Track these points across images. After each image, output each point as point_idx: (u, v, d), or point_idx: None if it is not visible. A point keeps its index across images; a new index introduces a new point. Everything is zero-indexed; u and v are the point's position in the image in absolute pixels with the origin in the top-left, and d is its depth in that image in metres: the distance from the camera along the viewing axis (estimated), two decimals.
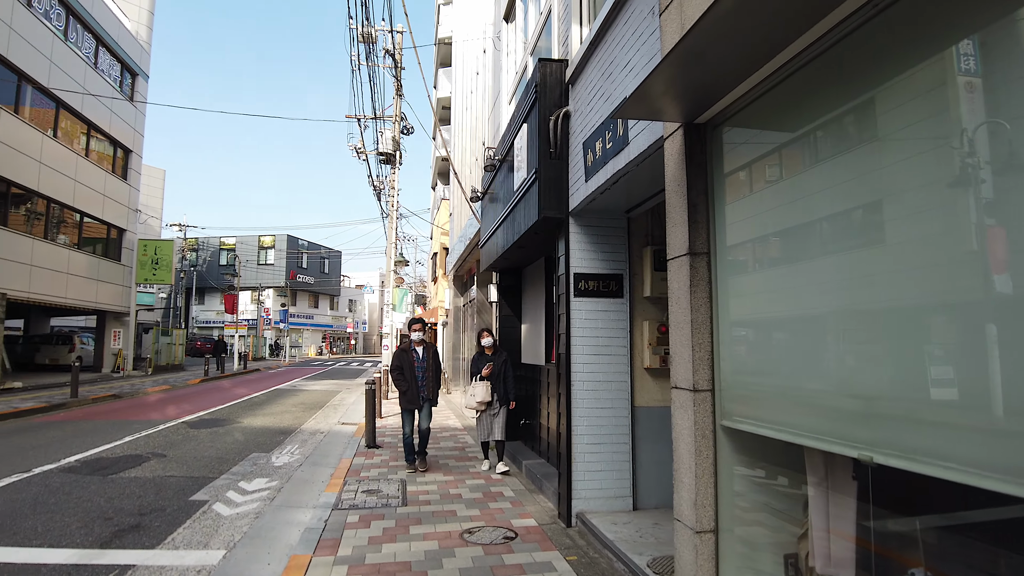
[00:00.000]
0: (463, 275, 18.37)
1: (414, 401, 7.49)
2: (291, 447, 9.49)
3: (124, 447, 9.10)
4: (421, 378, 7.51)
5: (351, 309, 66.52)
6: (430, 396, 7.58)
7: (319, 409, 14.63)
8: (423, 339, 7.76)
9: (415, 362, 7.56)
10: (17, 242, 17.91)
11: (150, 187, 46.46)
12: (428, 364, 7.62)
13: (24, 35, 17.99)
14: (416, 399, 7.50)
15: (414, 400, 7.49)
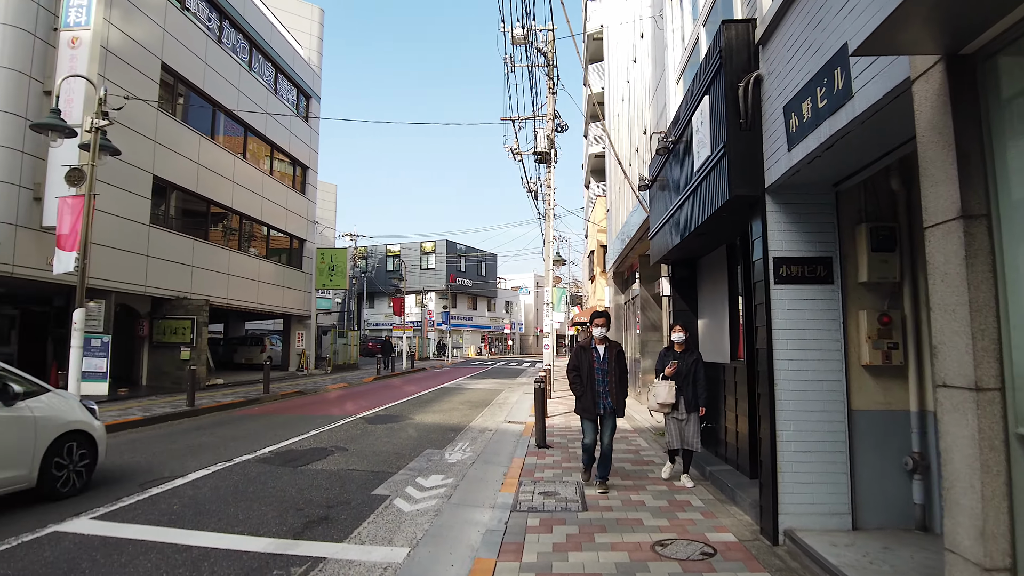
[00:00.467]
0: (624, 271, 17.82)
1: (590, 410, 6.34)
2: (462, 444, 9.54)
3: (310, 440, 9.64)
4: (601, 382, 6.36)
5: (507, 310, 67.99)
6: (614, 405, 6.35)
7: (485, 407, 14.80)
8: (605, 336, 6.57)
9: (594, 363, 6.42)
10: (217, 254, 20.01)
11: (324, 201, 50.49)
12: (611, 366, 6.40)
13: (216, 69, 20.07)
14: (593, 407, 6.33)
15: (590, 409, 6.34)
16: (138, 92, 16.40)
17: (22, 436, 5.68)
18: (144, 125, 16.59)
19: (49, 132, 10.10)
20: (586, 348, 6.54)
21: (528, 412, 13.64)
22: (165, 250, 17.37)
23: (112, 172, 15.40)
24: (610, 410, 6.35)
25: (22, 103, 13.09)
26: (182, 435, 10.04)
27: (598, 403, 6.36)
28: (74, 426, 6.29)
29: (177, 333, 17.52)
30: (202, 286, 19.02)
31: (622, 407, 6.46)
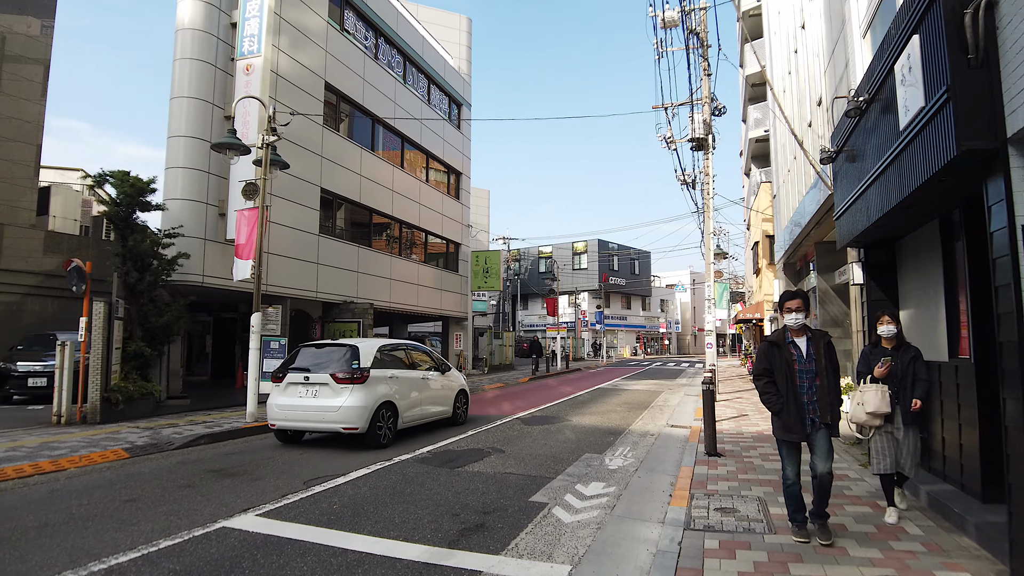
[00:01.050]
0: (796, 262, 16.21)
1: (795, 428, 4.63)
2: (623, 449, 8.94)
3: (467, 441, 9.51)
4: (807, 388, 4.67)
5: (663, 309, 65.87)
6: (826, 419, 4.62)
7: (644, 409, 14.04)
8: (805, 324, 4.82)
9: (795, 362, 4.71)
10: (379, 260, 20.96)
11: (478, 206, 51.89)
12: (819, 365, 4.68)
13: (374, 84, 21.03)
14: (799, 424, 4.62)
15: (795, 426, 4.63)
16: (306, 109, 17.53)
17: (447, 391, 11.19)
18: (312, 142, 17.71)
19: (227, 151, 10.90)
20: (779, 344, 4.82)
21: (692, 415, 12.72)
22: (333, 257, 18.43)
23: (285, 187, 16.56)
24: (820, 425, 4.64)
25: (206, 128, 14.38)
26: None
27: (804, 418, 4.64)
28: (462, 387, 11.78)
29: (345, 335, 18.49)
30: (367, 290, 19.98)
31: (837, 420, 4.69)
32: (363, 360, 9.08)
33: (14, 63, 20.39)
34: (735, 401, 15.08)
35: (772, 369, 4.79)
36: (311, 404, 8.86)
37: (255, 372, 10.97)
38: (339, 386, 8.76)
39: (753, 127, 27.45)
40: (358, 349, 9.24)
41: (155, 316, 12.56)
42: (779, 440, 4.83)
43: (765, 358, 4.86)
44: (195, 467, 7.52)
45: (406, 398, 9.71)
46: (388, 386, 9.28)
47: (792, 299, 4.85)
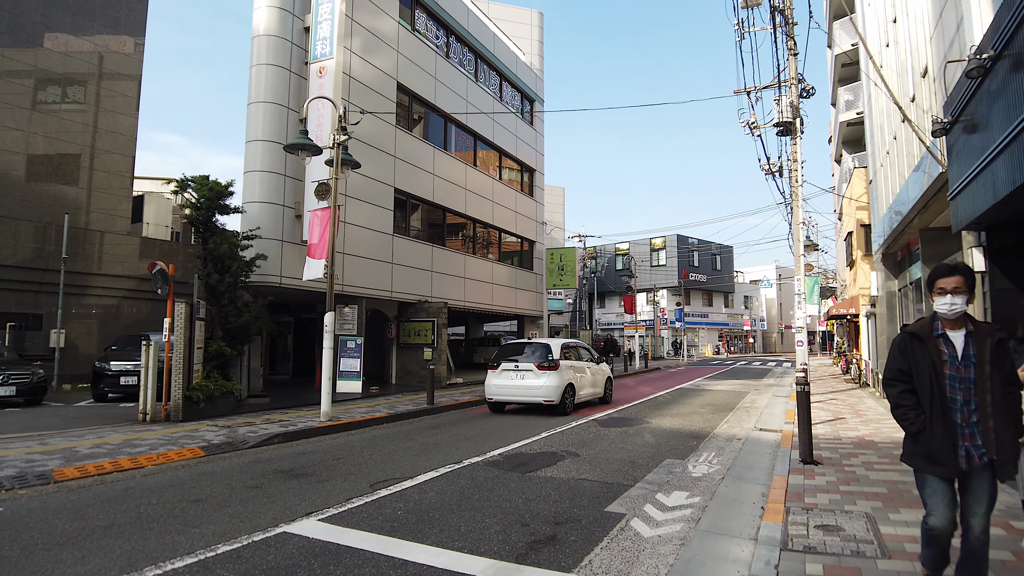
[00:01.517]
0: (896, 251, 14.92)
1: (943, 458, 3.25)
2: (707, 455, 8.30)
3: (541, 443, 9.11)
4: (962, 405, 3.26)
5: (746, 306, 63.33)
6: (992, 453, 3.18)
7: (729, 412, 13.23)
8: (965, 312, 3.36)
9: (945, 364, 3.32)
10: (453, 259, 20.89)
11: (553, 204, 51.46)
12: (984, 373, 3.24)
13: (446, 83, 20.97)
14: (948, 453, 3.24)
15: (943, 455, 3.25)
16: (379, 111, 17.61)
17: (600, 376, 14.31)
18: (385, 143, 17.79)
19: (299, 151, 10.95)
20: (923, 338, 3.41)
21: (783, 418, 11.85)
22: (407, 257, 18.47)
23: (359, 188, 16.67)
24: (985, 462, 3.21)
25: (282, 132, 14.62)
26: (419, 433, 10.17)
27: (956, 445, 3.23)
28: (608, 375, 14.94)
29: (420, 335, 18.50)
30: (441, 290, 19.94)
31: (1013, 458, 3.22)
32: (554, 354, 12.56)
33: (110, 80, 21.57)
34: (829, 403, 14.02)
35: (910, 372, 3.42)
36: (520, 384, 12.41)
37: (328, 371, 10.96)
38: (540, 372, 12.26)
39: (844, 110, 25.75)
40: (550, 346, 12.76)
41: (235, 316, 12.82)
42: (917, 472, 3.45)
43: (901, 355, 3.47)
44: (265, 467, 7.46)
45: (579, 381, 13.13)
46: (570, 373, 12.78)
47: (949, 276, 3.34)
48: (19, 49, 18.21)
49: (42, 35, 19.14)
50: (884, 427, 10.06)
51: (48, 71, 18.87)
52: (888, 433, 9.39)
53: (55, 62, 19.26)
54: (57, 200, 19.88)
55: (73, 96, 20.73)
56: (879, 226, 15.50)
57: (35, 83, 18.66)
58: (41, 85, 18.89)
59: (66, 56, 19.88)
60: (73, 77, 20.42)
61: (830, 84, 30.37)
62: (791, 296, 65.83)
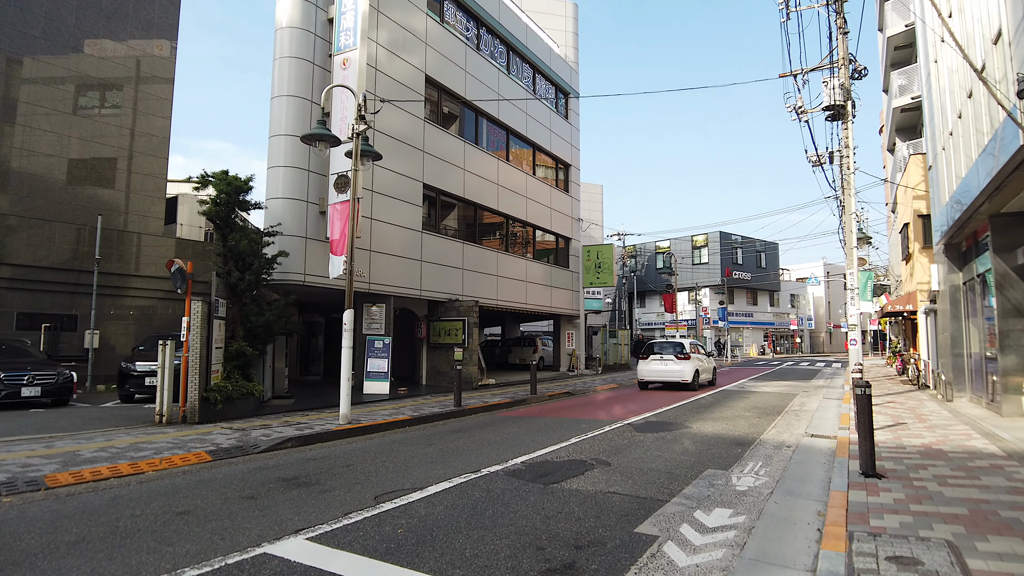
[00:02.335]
0: (960, 241, 13.74)
1: None
2: (753, 464, 7.49)
3: (569, 450, 8.41)
4: None
5: (793, 304, 61.23)
6: None
7: (777, 416, 12.30)
8: None
9: None
10: (485, 256, 20.29)
11: (591, 202, 50.55)
12: None
13: (476, 75, 20.40)
14: None
15: None
16: (407, 105, 17.13)
17: (710, 365, 20.04)
18: (414, 138, 17.30)
19: (316, 142, 10.49)
20: None
21: (836, 423, 10.91)
22: (437, 254, 17.95)
23: (387, 184, 16.21)
24: None
25: (305, 126, 14.22)
26: (440, 437, 9.58)
27: None
28: (715, 365, 20.74)
29: (450, 334, 17.96)
30: (472, 288, 19.37)
31: None
32: (687, 349, 18.11)
33: (145, 83, 21.71)
34: (887, 406, 12.94)
35: None
36: (663, 369, 18.01)
37: (347, 372, 10.46)
38: (678, 360, 17.82)
39: (897, 95, 24.30)
40: (683, 344, 18.41)
41: (256, 315, 12.46)
42: None
43: None
44: (269, 474, 6.95)
45: (700, 367, 18.42)
46: (696, 362, 18.14)
47: None
48: (55, 56, 18.31)
49: (78, 39, 19.29)
50: (952, 434, 9.06)
51: (84, 75, 18.97)
52: (958, 441, 8.40)
53: (90, 66, 19.36)
54: (92, 202, 20.00)
55: (110, 100, 20.88)
56: (940, 215, 14.34)
57: (74, 88, 18.80)
58: (79, 90, 19.02)
59: (100, 60, 19.99)
60: (108, 81, 20.55)
61: (881, 69, 28.84)
62: (840, 294, 63.48)
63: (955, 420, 10.64)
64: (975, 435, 8.96)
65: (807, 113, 16.92)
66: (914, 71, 23.63)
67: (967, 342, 13.64)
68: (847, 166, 15.85)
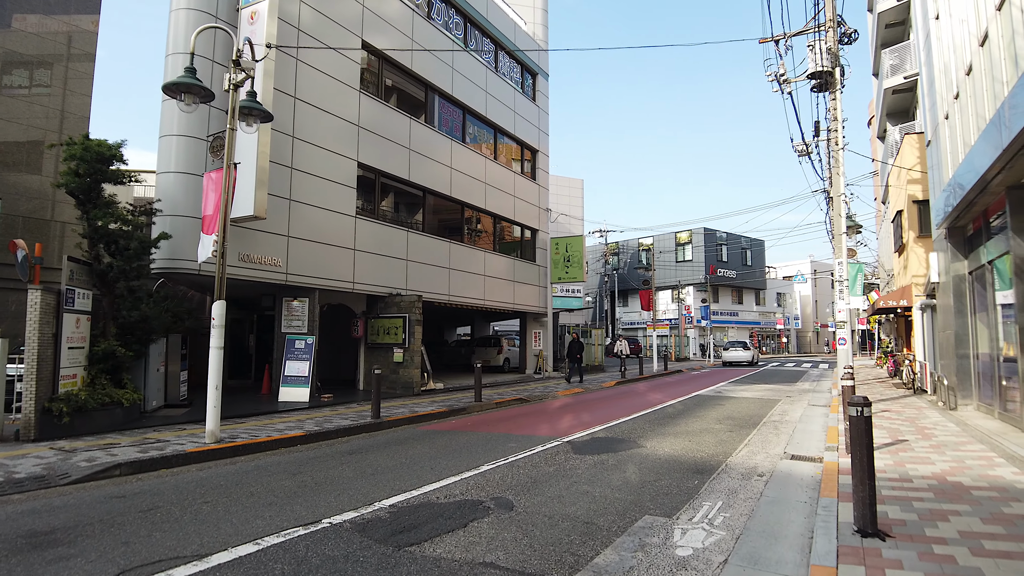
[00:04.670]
0: (967, 224, 11.85)
1: None
2: (709, 506, 5.50)
3: (470, 484, 6.36)
4: None
5: (779, 303, 59.55)
6: None
7: (753, 429, 10.33)
8: None
9: None
10: (434, 247, 18.21)
11: (570, 197, 48.61)
12: None
13: (427, 46, 18.32)
14: None
15: None
16: (337, 73, 15.07)
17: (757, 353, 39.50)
18: (345, 109, 15.24)
19: (182, 95, 8.43)
20: None
21: (822, 438, 8.99)
22: (375, 243, 15.88)
23: (310, 160, 14.15)
24: None
25: None
26: (319, 463, 7.52)
27: None
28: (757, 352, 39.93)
29: (390, 333, 15.90)
30: (419, 282, 17.32)
31: None
32: (749, 344, 35.62)
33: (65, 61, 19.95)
34: (882, 416, 11.02)
35: None
36: (737, 355, 34.00)
37: (216, 378, 8.37)
38: (745, 350, 34.32)
39: (889, 75, 22.49)
40: (747, 342, 36.22)
41: (129, 309, 10.36)
42: None
43: None
44: (22, 524, 4.87)
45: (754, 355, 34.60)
46: (754, 350, 35.52)
47: None
48: None
49: None
50: (969, 457, 7.11)
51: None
52: (979, 469, 6.45)
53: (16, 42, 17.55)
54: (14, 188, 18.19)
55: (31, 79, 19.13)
56: (941, 196, 12.45)
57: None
58: None
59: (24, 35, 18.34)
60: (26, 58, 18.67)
61: (871, 52, 27.11)
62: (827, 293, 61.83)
63: (966, 436, 8.71)
64: (997, 459, 7.01)
65: (790, 83, 14.99)
66: (906, 49, 21.88)
67: (974, 341, 11.75)
68: (835, 141, 13.93)
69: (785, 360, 42.38)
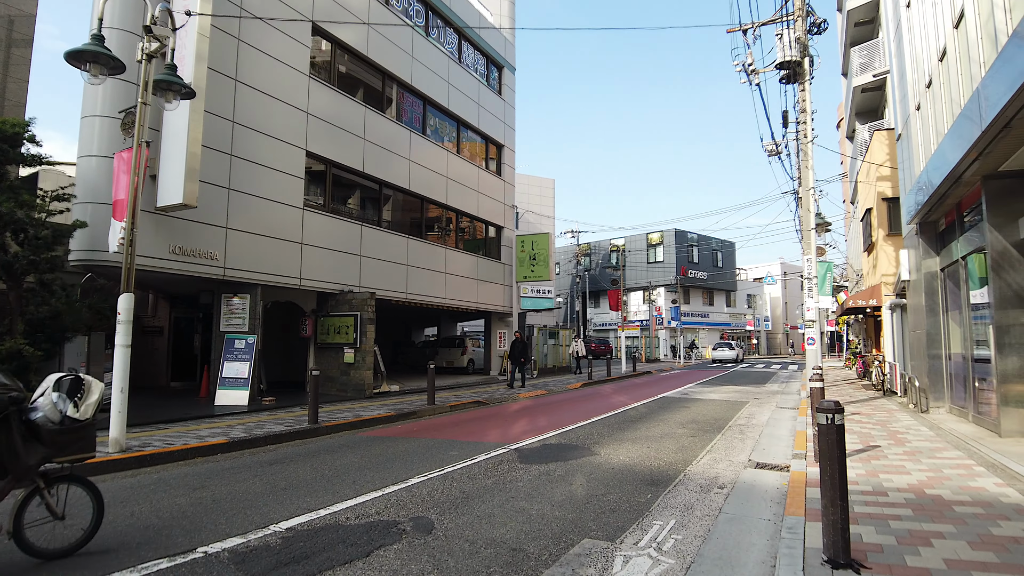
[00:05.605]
0: (939, 218, 11.38)
1: None
2: (660, 526, 4.80)
3: (390, 501, 5.57)
4: None
5: (749, 304, 59.64)
6: None
7: (717, 434, 9.70)
8: None
9: None
10: (390, 242, 17.37)
11: (542, 196, 47.94)
12: None
13: (384, 33, 17.50)
14: None
15: None
16: (285, 57, 14.19)
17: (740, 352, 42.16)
18: (294, 96, 14.35)
19: (88, 65, 7.55)
20: None
21: (790, 444, 8.39)
22: (325, 237, 15.00)
23: (252, 146, 13.24)
24: None
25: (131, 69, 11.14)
26: (228, 476, 6.67)
27: None
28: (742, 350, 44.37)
29: (340, 332, 15.02)
30: (374, 279, 16.46)
31: None
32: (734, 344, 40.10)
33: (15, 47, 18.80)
34: (852, 420, 10.46)
35: None
36: (723, 355, 38.64)
37: (122, 380, 7.46)
38: (730, 349, 39.07)
39: (858, 73, 22.23)
40: (732, 343, 40.58)
41: (37, 304, 9.39)
42: None
43: None
44: None
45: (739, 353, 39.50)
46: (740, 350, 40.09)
47: None
48: None
49: None
50: (946, 466, 6.52)
51: None
52: (959, 481, 5.85)
53: None
54: None
55: None
56: (912, 191, 11.98)
57: None
58: None
59: None
60: None
61: (841, 52, 26.94)
62: (797, 295, 62.12)
63: (941, 441, 8.16)
64: (977, 468, 6.43)
65: (758, 74, 14.49)
66: (875, 47, 21.64)
67: (946, 341, 11.28)
68: (804, 133, 13.45)
69: (755, 361, 42.22)
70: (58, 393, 3.97)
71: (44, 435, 3.86)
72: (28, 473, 3.84)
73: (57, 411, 3.92)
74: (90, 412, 4.12)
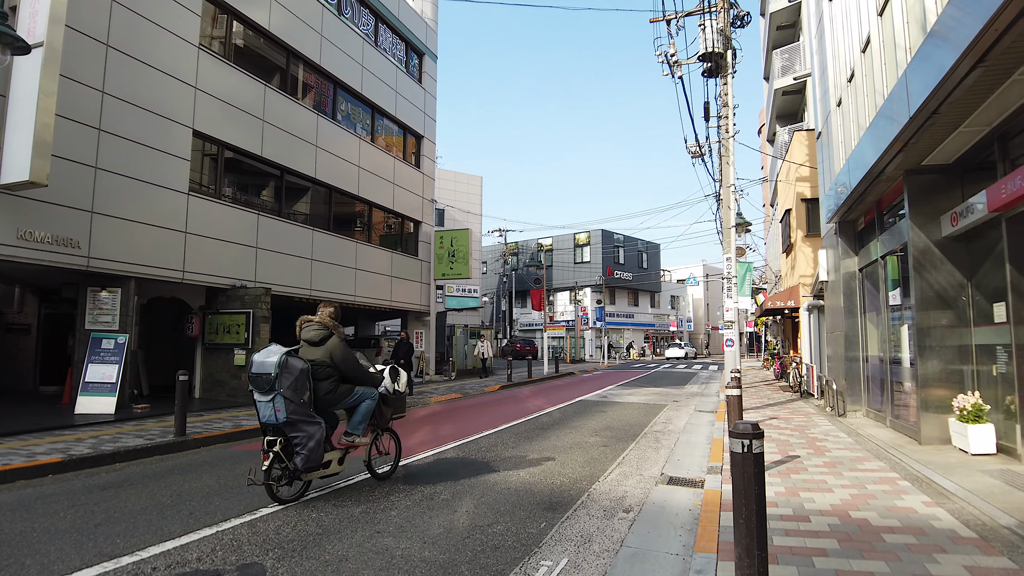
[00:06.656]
0: (859, 217, 11.12)
1: None
2: (546, 568, 3.95)
3: (223, 540, 4.51)
4: None
5: (673, 305, 60.57)
6: None
7: (631, 441, 9.02)
8: None
9: None
10: (293, 235, 16.02)
11: (469, 194, 46.99)
12: None
13: (288, 7, 16.14)
14: None
15: None
16: (169, 23, 12.71)
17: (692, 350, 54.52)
18: (180, 69, 12.88)
19: None
20: None
21: (706, 453, 7.77)
22: (214, 227, 13.57)
23: (127, 122, 11.74)
24: None
25: None
26: (36, 507, 5.42)
27: None
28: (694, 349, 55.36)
29: (231, 332, 13.63)
30: (273, 274, 15.10)
31: None
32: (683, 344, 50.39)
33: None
34: (770, 426, 10.01)
35: None
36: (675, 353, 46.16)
37: None
38: (680, 348, 46.91)
39: (779, 75, 22.38)
40: (682, 343, 50.10)
41: None
42: None
43: None
44: None
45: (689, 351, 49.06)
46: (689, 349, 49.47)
47: None
48: None
49: None
50: (869, 480, 5.98)
51: None
52: (886, 499, 5.28)
53: None
54: None
55: None
56: (831, 190, 11.72)
57: None
58: None
59: None
60: None
61: (763, 56, 27.24)
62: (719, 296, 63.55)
63: (861, 449, 7.71)
64: (901, 482, 5.92)
65: (681, 65, 14.01)
66: (796, 49, 21.84)
67: (863, 343, 11.04)
68: (726, 128, 13.04)
69: (677, 362, 42.60)
70: None
71: None
72: None
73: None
74: None
